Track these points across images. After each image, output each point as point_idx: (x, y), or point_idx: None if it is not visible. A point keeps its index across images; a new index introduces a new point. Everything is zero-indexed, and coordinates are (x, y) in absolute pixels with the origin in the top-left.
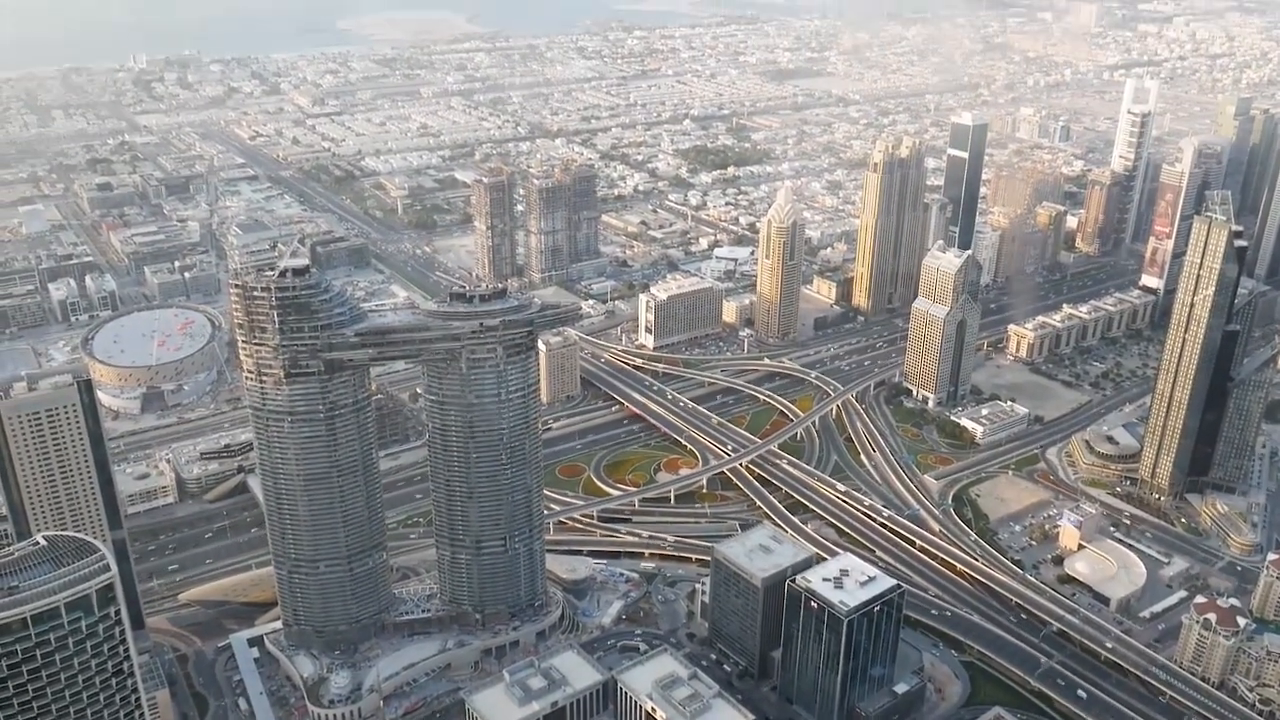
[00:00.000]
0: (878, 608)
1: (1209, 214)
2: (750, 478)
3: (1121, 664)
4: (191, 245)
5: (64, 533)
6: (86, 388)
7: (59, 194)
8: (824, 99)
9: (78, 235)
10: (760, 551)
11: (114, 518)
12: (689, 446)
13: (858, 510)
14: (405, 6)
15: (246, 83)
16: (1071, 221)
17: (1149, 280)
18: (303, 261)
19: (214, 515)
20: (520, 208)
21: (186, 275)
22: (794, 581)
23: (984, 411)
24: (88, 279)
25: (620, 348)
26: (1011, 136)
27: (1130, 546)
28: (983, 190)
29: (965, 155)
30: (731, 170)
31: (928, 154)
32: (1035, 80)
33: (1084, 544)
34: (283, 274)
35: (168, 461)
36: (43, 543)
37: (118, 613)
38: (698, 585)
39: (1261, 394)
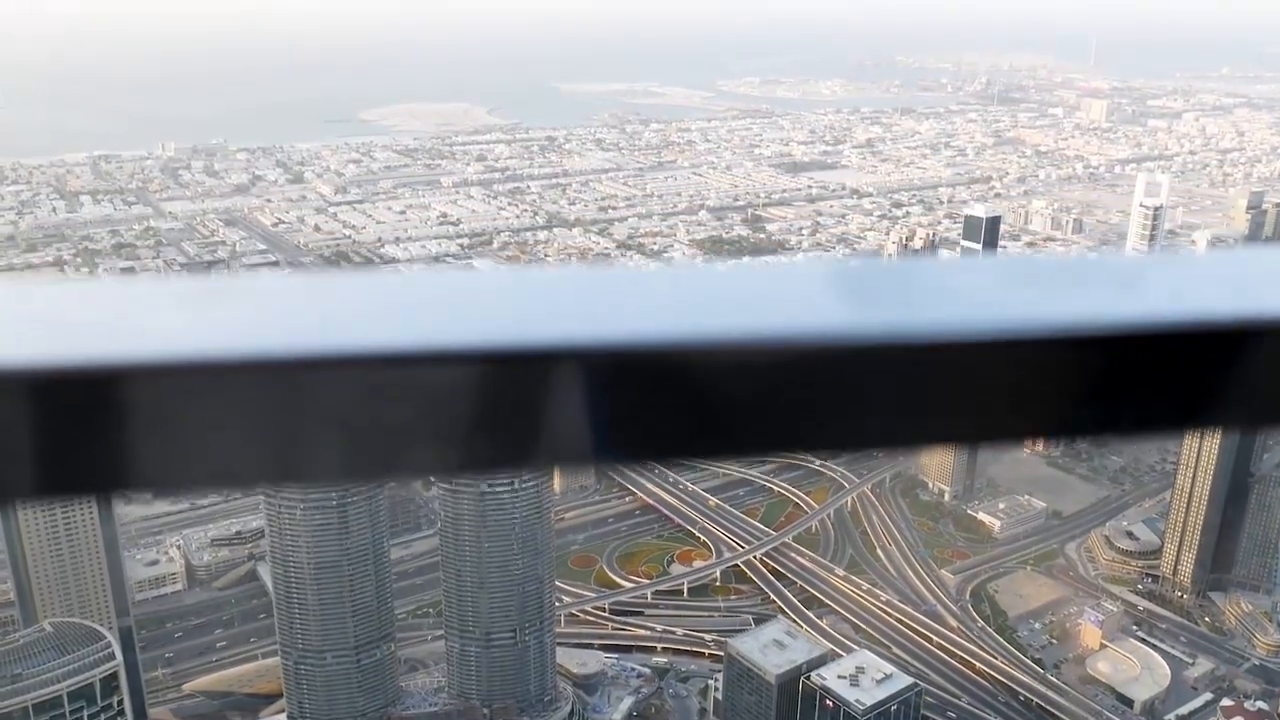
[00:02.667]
0: (894, 706)
1: None
2: (765, 570)
3: None
4: None
5: (71, 619)
6: None
7: (84, 279)
8: (838, 191)
9: None
10: (774, 647)
11: (122, 605)
12: (702, 538)
13: (874, 605)
14: (427, 98)
15: (271, 171)
16: None
17: None
18: None
19: (222, 603)
20: None
21: None
22: (809, 678)
23: (1001, 505)
24: None
25: None
26: (1024, 229)
27: (1153, 646)
28: None
29: (979, 247)
30: (747, 260)
31: (942, 245)
32: (1047, 173)
33: (1106, 643)
34: None
35: (178, 548)
36: (49, 629)
37: (120, 702)
38: (710, 681)
39: None
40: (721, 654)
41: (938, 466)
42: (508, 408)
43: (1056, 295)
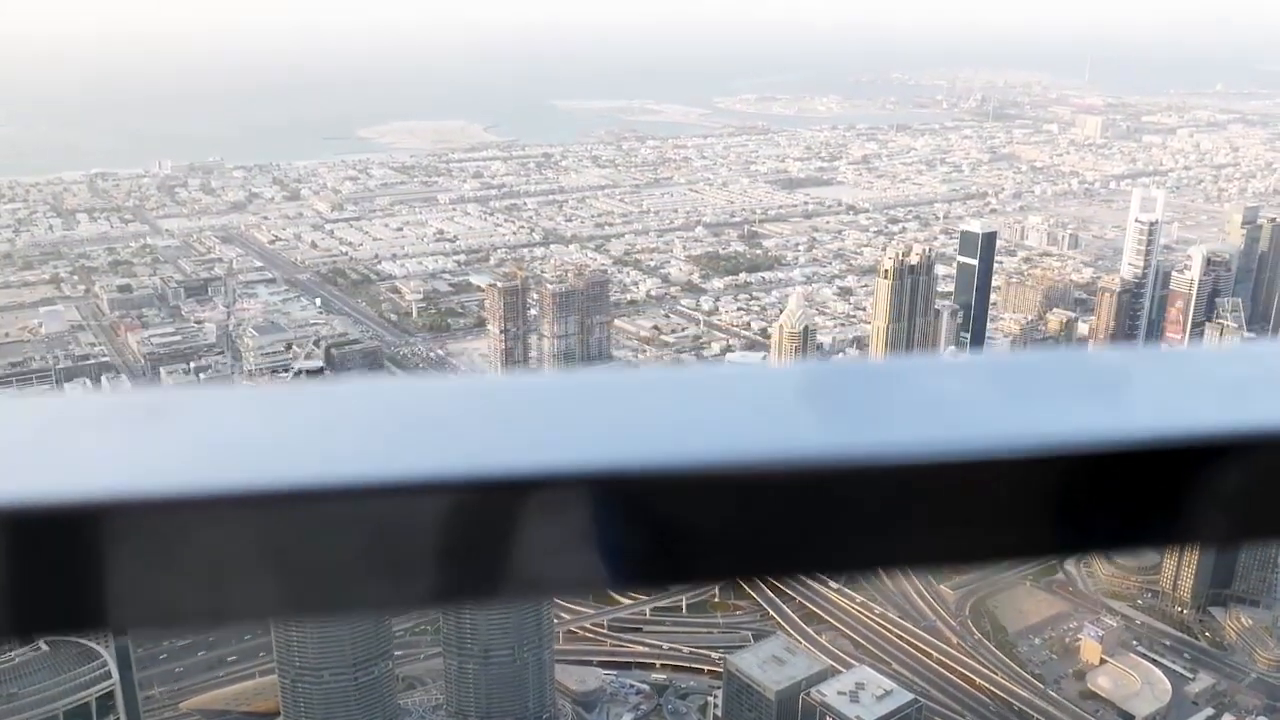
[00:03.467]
0: None
1: (1220, 321)
2: (764, 587)
3: None
4: (208, 346)
5: (66, 639)
6: None
7: (80, 295)
8: (834, 207)
9: (96, 336)
10: (773, 663)
11: None
12: None
13: (873, 621)
14: (424, 116)
15: (268, 188)
16: (1083, 328)
17: None
18: (317, 364)
19: None
20: (534, 312)
21: (201, 376)
22: (808, 695)
23: None
24: (103, 379)
25: None
26: (1020, 244)
27: (1154, 661)
28: (993, 297)
29: (975, 263)
30: (743, 276)
31: (938, 261)
32: (1043, 189)
33: (1106, 658)
34: (297, 375)
35: None
36: (45, 648)
37: None
38: (710, 698)
39: None
40: (720, 670)
41: None
42: (470, 538)
43: (1039, 406)
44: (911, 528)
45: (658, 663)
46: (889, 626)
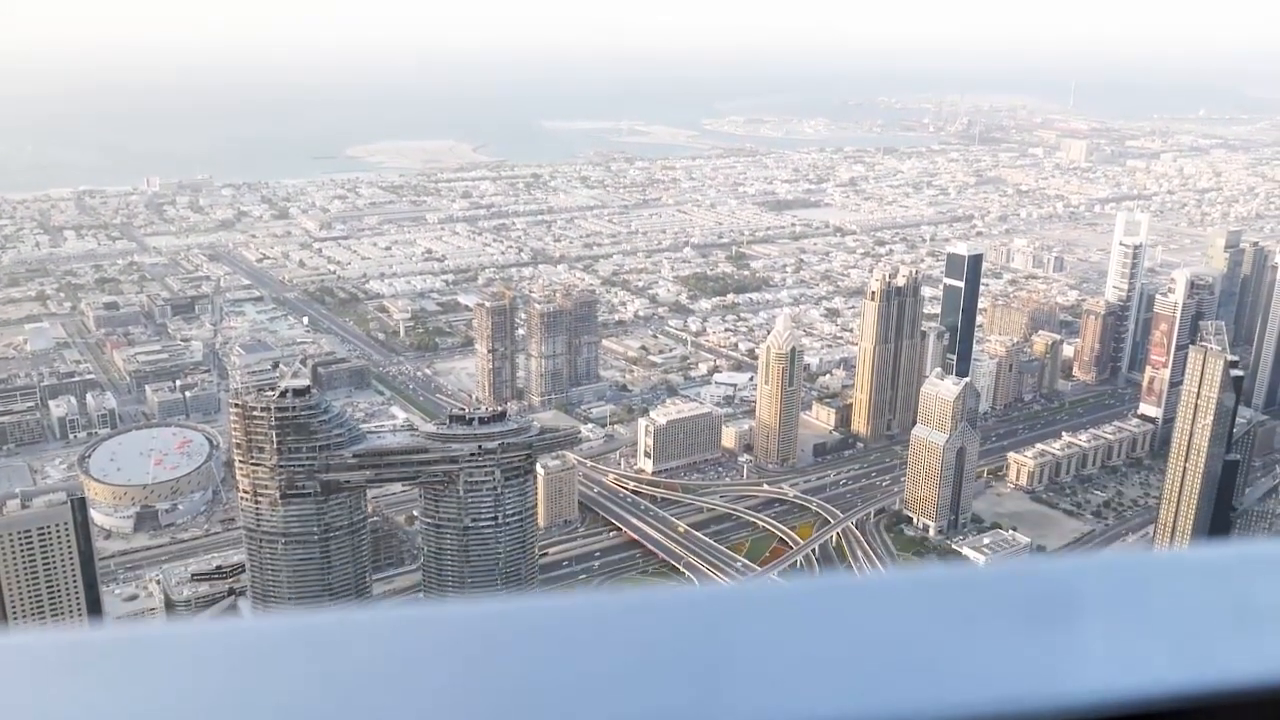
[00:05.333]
0: None
1: (1204, 344)
2: None
3: None
4: (194, 364)
5: None
6: (80, 506)
7: (65, 312)
8: (821, 229)
9: (81, 353)
10: None
11: None
12: (687, 574)
13: None
14: (414, 135)
15: (256, 207)
16: (1068, 350)
17: (1147, 409)
18: (303, 382)
19: None
20: (521, 331)
21: (187, 394)
22: None
23: (985, 540)
24: (88, 396)
25: (619, 472)
26: (1006, 266)
27: None
28: (979, 319)
29: (961, 285)
30: (731, 297)
31: (924, 283)
32: (1028, 212)
33: None
34: (283, 394)
35: (157, 583)
36: None
37: None
38: None
39: (1266, 524)
40: None
41: (923, 501)
42: None
43: None
44: None
45: None
46: None
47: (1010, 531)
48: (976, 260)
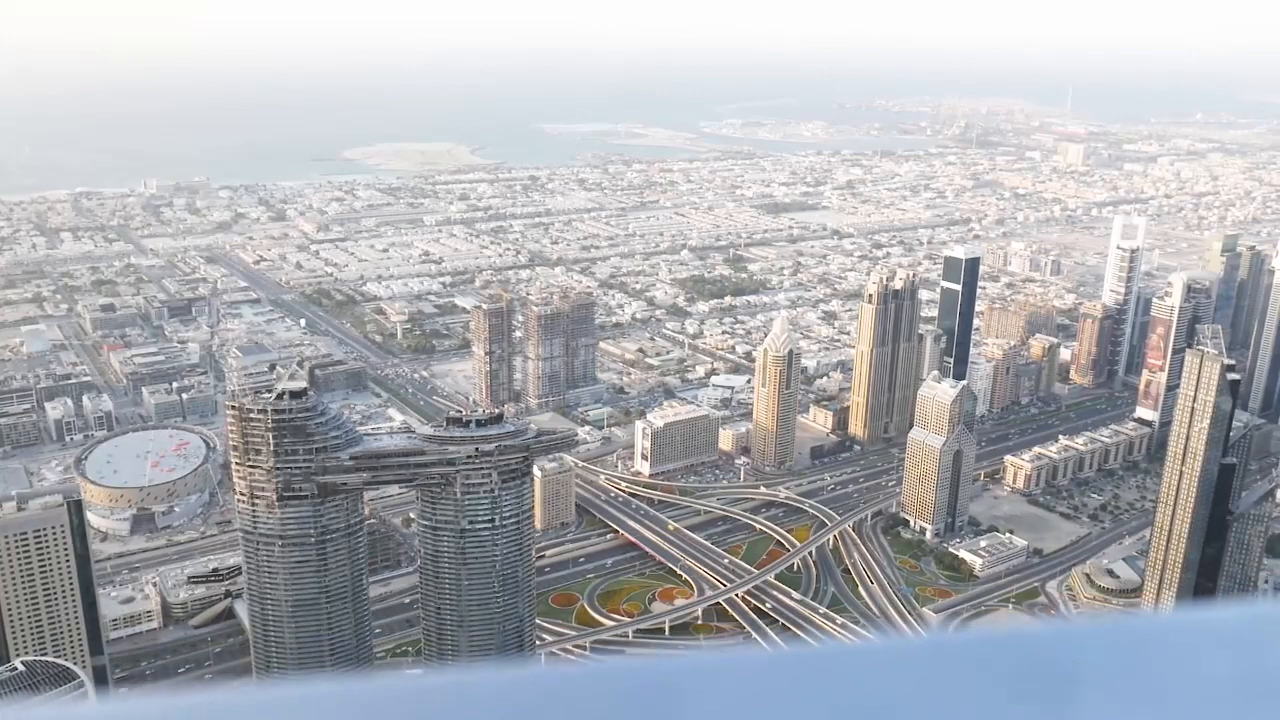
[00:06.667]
0: None
1: (1201, 348)
2: (746, 609)
3: None
4: (191, 366)
5: (43, 658)
6: (76, 508)
7: (62, 314)
8: (819, 231)
9: (78, 355)
10: None
11: (95, 643)
12: (684, 576)
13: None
14: (411, 138)
15: (253, 209)
16: (1065, 354)
17: (1144, 412)
18: (300, 384)
19: (198, 641)
20: (519, 334)
21: (184, 396)
22: None
23: (982, 543)
24: (85, 399)
25: (616, 474)
26: (1003, 270)
27: None
28: (976, 322)
29: (958, 288)
30: (728, 300)
31: (922, 286)
32: (1025, 216)
33: None
34: (280, 396)
35: (154, 585)
36: (21, 668)
37: None
38: None
39: (1262, 528)
40: None
41: (920, 504)
42: None
43: None
44: None
45: None
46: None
47: (1007, 534)
48: (974, 263)
